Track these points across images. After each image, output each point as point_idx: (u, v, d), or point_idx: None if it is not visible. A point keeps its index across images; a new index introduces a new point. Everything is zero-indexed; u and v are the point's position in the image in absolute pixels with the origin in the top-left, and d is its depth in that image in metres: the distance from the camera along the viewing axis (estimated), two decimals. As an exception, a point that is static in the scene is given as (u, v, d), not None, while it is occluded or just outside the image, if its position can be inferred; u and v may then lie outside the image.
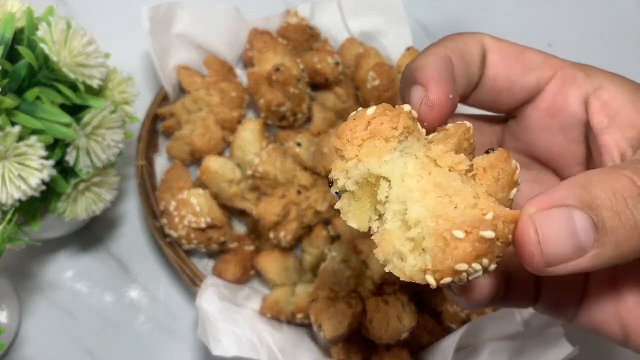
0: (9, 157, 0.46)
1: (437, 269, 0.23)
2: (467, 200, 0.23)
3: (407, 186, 0.25)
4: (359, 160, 0.25)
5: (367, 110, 0.26)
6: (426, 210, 0.24)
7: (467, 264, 0.22)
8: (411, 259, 0.24)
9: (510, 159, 0.26)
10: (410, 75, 0.30)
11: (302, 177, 0.60)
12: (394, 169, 0.25)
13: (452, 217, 0.23)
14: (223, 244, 0.61)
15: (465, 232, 0.22)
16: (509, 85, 0.32)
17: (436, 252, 0.23)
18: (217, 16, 0.67)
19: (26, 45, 0.48)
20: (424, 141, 0.27)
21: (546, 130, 0.33)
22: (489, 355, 0.54)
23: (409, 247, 0.24)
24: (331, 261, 0.55)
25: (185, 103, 0.65)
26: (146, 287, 0.64)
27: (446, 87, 0.29)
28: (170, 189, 0.62)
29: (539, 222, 0.23)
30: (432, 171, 0.25)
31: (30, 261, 0.63)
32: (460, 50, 0.31)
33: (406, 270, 0.24)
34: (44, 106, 0.47)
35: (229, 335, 0.53)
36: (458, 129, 0.27)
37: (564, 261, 0.23)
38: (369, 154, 0.25)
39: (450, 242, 0.22)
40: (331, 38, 0.71)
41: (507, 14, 0.85)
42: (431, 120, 0.29)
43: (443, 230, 0.23)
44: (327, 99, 0.67)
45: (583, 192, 0.23)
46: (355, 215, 0.27)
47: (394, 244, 0.25)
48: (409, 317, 0.54)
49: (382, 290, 0.56)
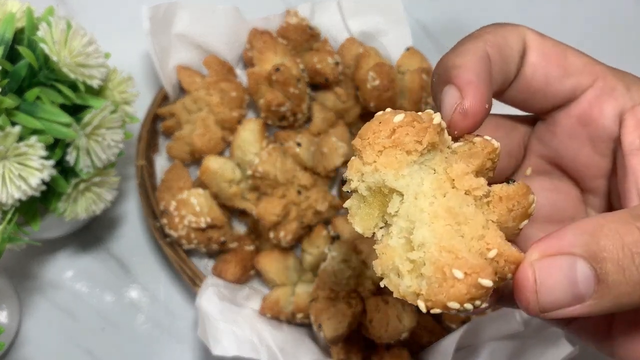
0: (10, 157, 0.46)
1: (430, 298, 0.23)
2: (475, 231, 0.23)
3: (418, 205, 0.24)
4: (375, 169, 0.25)
5: (394, 115, 0.25)
6: (432, 236, 0.23)
7: (459, 304, 0.23)
8: (408, 279, 0.24)
9: (528, 194, 0.25)
10: (445, 73, 0.28)
11: (302, 177, 0.60)
12: (409, 185, 0.25)
13: (456, 250, 0.23)
14: (223, 244, 0.61)
15: (465, 274, 0.22)
16: (545, 88, 0.31)
17: (433, 283, 0.23)
18: (217, 16, 0.67)
19: (26, 46, 0.48)
20: (447, 152, 0.26)
21: (575, 138, 0.31)
22: (489, 355, 0.54)
23: (407, 267, 0.24)
24: (331, 261, 0.55)
25: (185, 103, 0.65)
26: (146, 287, 0.64)
27: (484, 94, 0.27)
28: (171, 189, 0.62)
29: (540, 271, 0.23)
30: (448, 193, 0.24)
31: (30, 261, 0.63)
32: (500, 45, 0.29)
33: (400, 289, 0.24)
34: (44, 106, 0.47)
35: (229, 335, 0.53)
36: (485, 147, 0.26)
37: (559, 308, 0.23)
38: (388, 164, 0.25)
39: (448, 279, 0.22)
40: (331, 38, 0.71)
41: (507, 14, 0.85)
42: (462, 128, 0.27)
43: (444, 264, 0.23)
44: (327, 99, 0.67)
45: (591, 242, 0.23)
46: (362, 219, 0.27)
47: (394, 260, 0.24)
48: (409, 317, 0.54)
49: (382, 290, 0.56)
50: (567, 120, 0.31)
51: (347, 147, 0.62)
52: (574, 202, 0.33)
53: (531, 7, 0.86)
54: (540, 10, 0.85)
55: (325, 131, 0.66)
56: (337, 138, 0.63)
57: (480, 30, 0.30)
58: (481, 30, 0.30)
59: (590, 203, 0.33)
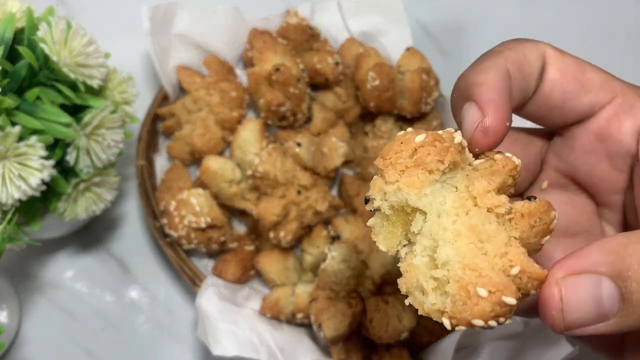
0: (9, 157, 0.46)
1: (454, 316, 0.23)
2: (498, 249, 0.24)
3: (441, 224, 0.25)
4: (398, 189, 0.25)
5: (416, 135, 0.26)
6: (456, 254, 0.24)
7: (484, 322, 0.23)
8: (432, 297, 0.24)
9: (550, 211, 0.26)
10: (466, 90, 0.29)
11: (302, 177, 0.60)
12: (432, 203, 0.25)
13: (480, 268, 0.23)
14: (223, 244, 0.61)
15: (489, 292, 0.23)
16: (563, 104, 0.31)
17: (457, 301, 0.23)
18: (217, 16, 0.67)
19: (26, 46, 0.48)
20: (468, 169, 0.26)
21: (592, 154, 0.32)
22: (489, 355, 0.54)
23: (432, 285, 0.24)
24: (331, 261, 0.55)
25: (185, 103, 0.65)
26: (146, 287, 0.64)
27: (505, 113, 0.27)
28: (171, 189, 0.62)
29: (566, 289, 0.23)
30: (470, 211, 0.25)
31: (30, 261, 0.63)
32: (520, 62, 0.30)
33: (425, 307, 0.24)
34: (44, 106, 0.47)
35: (229, 335, 0.53)
36: (506, 165, 0.26)
37: (584, 326, 0.24)
38: (410, 184, 0.25)
39: (472, 297, 0.23)
40: (331, 38, 0.71)
41: (508, 14, 0.85)
42: (483, 146, 0.27)
43: (468, 282, 0.23)
44: (327, 99, 0.67)
45: (617, 261, 0.23)
46: (385, 238, 0.27)
47: (418, 278, 0.25)
48: (409, 317, 0.54)
49: (382, 290, 0.56)
50: (585, 136, 0.31)
51: (347, 147, 0.62)
52: (589, 216, 0.33)
53: (531, 7, 0.86)
54: (541, 11, 0.85)
55: (325, 131, 0.66)
56: (337, 138, 0.63)
57: (500, 46, 0.31)
58: (501, 46, 0.31)
59: (606, 217, 0.33)
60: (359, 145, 0.68)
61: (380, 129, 0.67)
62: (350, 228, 0.60)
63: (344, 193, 0.65)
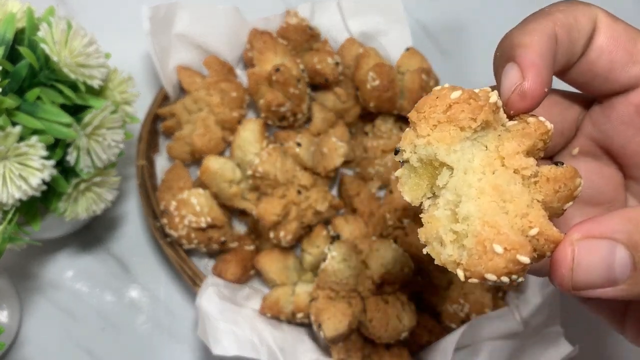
0: (10, 157, 0.46)
1: (469, 269, 0.24)
2: (519, 209, 0.24)
3: (467, 181, 0.25)
4: (428, 143, 0.26)
5: (452, 91, 0.26)
6: (478, 210, 0.24)
7: (497, 277, 0.24)
8: (450, 249, 0.25)
9: (575, 178, 0.26)
10: (509, 50, 0.28)
11: (302, 177, 0.61)
12: (460, 160, 0.25)
13: (498, 226, 0.24)
14: (223, 244, 0.61)
15: (505, 249, 0.23)
16: (608, 73, 0.30)
17: (473, 255, 0.24)
18: (217, 16, 0.67)
19: (27, 46, 0.48)
20: (500, 130, 0.27)
21: (629, 125, 0.31)
22: (489, 355, 0.54)
23: (450, 238, 0.25)
24: (331, 261, 0.55)
25: (185, 103, 0.65)
26: (146, 287, 0.64)
27: (546, 78, 0.27)
28: (171, 189, 0.62)
29: (579, 250, 0.24)
30: (497, 170, 0.25)
31: (30, 261, 0.63)
32: (569, 26, 0.29)
33: (442, 257, 0.25)
34: (45, 106, 0.47)
35: (229, 335, 0.53)
36: (538, 128, 0.26)
37: (592, 288, 0.24)
38: (441, 139, 0.26)
39: (488, 252, 0.23)
40: (331, 38, 0.71)
41: (508, 14, 0.85)
42: (518, 109, 0.27)
43: (485, 238, 0.24)
44: (327, 99, 0.67)
45: (635, 231, 0.23)
46: (411, 189, 0.27)
47: (438, 230, 0.26)
48: (408, 317, 0.55)
49: (382, 290, 0.56)
50: (625, 107, 0.31)
51: (347, 147, 0.62)
52: (615, 187, 0.33)
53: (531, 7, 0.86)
54: (540, 11, 0.85)
55: (325, 131, 0.66)
56: (337, 138, 0.63)
57: (551, 7, 0.30)
58: (552, 7, 0.30)
59: (632, 190, 0.33)
60: (359, 145, 0.68)
61: (380, 129, 0.67)
62: (350, 228, 0.60)
63: (344, 193, 0.65)
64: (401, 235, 0.60)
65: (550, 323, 0.56)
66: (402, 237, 0.60)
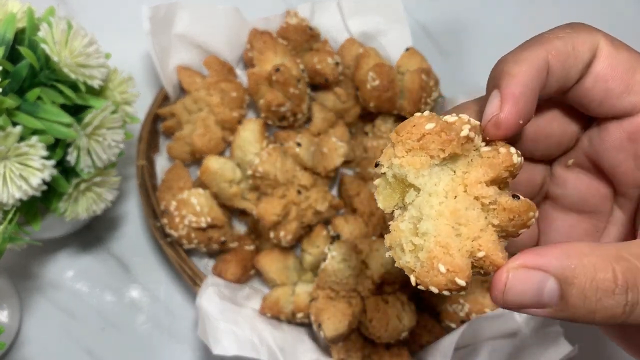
0: (10, 157, 0.46)
1: (419, 278, 0.28)
2: (472, 233, 0.28)
3: (430, 202, 0.28)
4: (401, 165, 0.29)
5: (427, 122, 0.29)
6: (434, 230, 0.28)
7: (438, 290, 0.27)
8: (408, 256, 0.28)
9: (529, 212, 0.28)
10: (498, 77, 0.30)
11: (302, 177, 0.61)
12: (427, 183, 0.28)
13: (449, 248, 0.27)
14: (223, 244, 0.61)
15: (447, 270, 0.27)
16: (603, 100, 0.31)
17: (424, 267, 0.27)
18: (217, 16, 0.67)
19: (27, 46, 0.48)
20: (473, 154, 0.29)
21: (621, 150, 0.32)
22: (488, 355, 0.54)
23: (409, 248, 0.28)
24: (331, 261, 0.55)
25: (185, 103, 0.65)
26: (146, 287, 0.64)
27: (520, 111, 0.29)
28: (171, 189, 0.62)
29: (512, 277, 0.26)
30: (459, 195, 0.28)
31: (31, 261, 0.63)
32: (565, 55, 0.30)
33: (401, 262, 0.29)
34: (45, 106, 0.47)
35: (229, 335, 0.53)
36: (504, 161, 0.29)
37: (522, 308, 0.27)
38: (412, 163, 0.29)
39: (434, 269, 0.27)
40: (331, 39, 0.71)
41: (508, 14, 0.85)
42: (493, 137, 0.29)
43: (435, 256, 0.27)
44: (327, 99, 0.68)
45: (567, 267, 0.26)
46: (385, 198, 0.31)
47: (400, 239, 0.29)
48: (408, 317, 0.55)
49: (382, 290, 0.56)
50: (617, 133, 0.32)
51: (346, 147, 0.62)
52: (601, 200, 0.35)
53: (531, 8, 0.86)
54: (541, 11, 0.86)
55: (325, 131, 0.66)
56: (337, 138, 0.63)
57: (552, 32, 0.31)
58: (553, 32, 0.31)
59: (620, 203, 0.34)
60: (358, 145, 0.68)
61: (380, 129, 0.68)
62: (350, 228, 0.60)
63: (344, 193, 0.65)
64: (401, 235, 0.60)
65: (549, 323, 0.56)
66: (402, 237, 0.60)
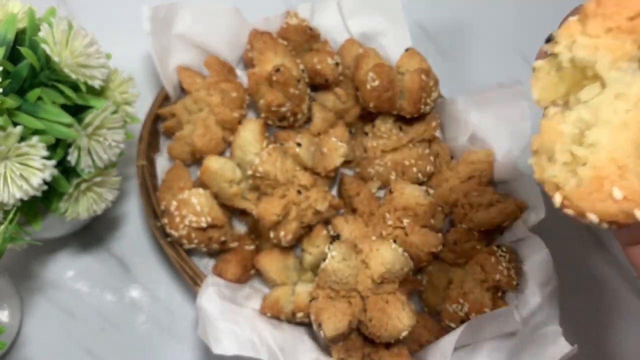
0: (11, 157, 0.46)
1: (570, 198, 0.21)
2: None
3: (615, 106, 0.21)
4: (594, 47, 0.22)
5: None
6: (610, 142, 0.21)
7: (599, 220, 0.21)
8: (558, 169, 0.22)
9: None
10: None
11: (302, 177, 0.61)
12: (619, 80, 0.21)
13: (627, 169, 0.20)
14: (223, 244, 0.61)
15: (624, 198, 0.20)
16: None
17: (584, 187, 0.21)
18: (217, 17, 0.67)
19: (28, 46, 0.48)
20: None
21: None
22: (488, 354, 0.55)
23: (565, 159, 0.22)
24: (331, 260, 0.55)
25: (185, 103, 0.65)
26: (147, 287, 0.64)
27: None
28: (171, 189, 0.62)
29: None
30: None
31: (31, 261, 0.63)
32: None
33: (545, 174, 0.22)
34: (46, 106, 0.48)
35: (230, 334, 0.53)
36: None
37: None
38: (611, 48, 0.21)
39: (603, 192, 0.20)
40: (331, 39, 0.71)
41: (507, 14, 0.85)
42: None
43: (607, 176, 0.20)
44: (327, 100, 0.68)
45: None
46: (544, 87, 0.24)
47: (555, 144, 0.22)
48: (408, 316, 0.55)
49: (382, 290, 0.56)
50: None
51: (347, 147, 0.62)
52: None
53: (529, 9, 0.86)
54: (540, 12, 0.86)
55: (325, 131, 0.66)
56: (337, 138, 0.63)
57: None
58: None
59: None
60: (359, 145, 0.68)
61: (380, 129, 0.68)
62: (350, 228, 0.60)
63: (344, 193, 0.65)
64: (401, 235, 0.60)
65: (549, 322, 0.56)
66: (402, 237, 0.60)
